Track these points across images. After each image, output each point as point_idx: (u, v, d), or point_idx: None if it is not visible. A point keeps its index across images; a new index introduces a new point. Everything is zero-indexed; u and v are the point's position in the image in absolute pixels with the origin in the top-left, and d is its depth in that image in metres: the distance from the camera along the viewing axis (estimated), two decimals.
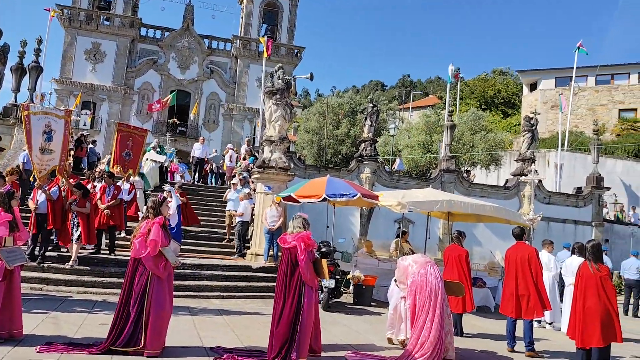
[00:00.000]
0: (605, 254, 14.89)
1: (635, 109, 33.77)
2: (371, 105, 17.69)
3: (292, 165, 14.75)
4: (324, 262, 6.27)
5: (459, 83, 36.17)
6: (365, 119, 17.59)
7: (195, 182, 20.39)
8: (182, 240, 12.62)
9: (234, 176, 17.02)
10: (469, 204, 11.58)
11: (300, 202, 12.53)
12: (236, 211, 13.69)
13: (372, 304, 11.42)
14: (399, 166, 23.84)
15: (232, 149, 20.96)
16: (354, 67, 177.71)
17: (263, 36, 29.82)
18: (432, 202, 11.27)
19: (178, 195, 12.83)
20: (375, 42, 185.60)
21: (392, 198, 11.44)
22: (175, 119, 33.07)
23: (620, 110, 34.26)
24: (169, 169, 19.23)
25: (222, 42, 35.36)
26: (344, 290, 11.86)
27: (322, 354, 6.53)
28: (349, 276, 11.47)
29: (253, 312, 9.33)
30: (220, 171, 21.74)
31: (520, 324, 7.92)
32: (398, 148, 27.98)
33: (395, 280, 8.05)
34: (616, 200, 23.26)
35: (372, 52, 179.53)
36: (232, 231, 14.32)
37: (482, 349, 7.91)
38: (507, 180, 20.06)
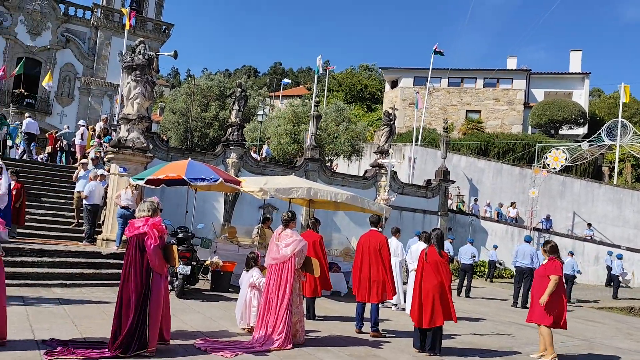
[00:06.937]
0: (451, 242, 16.45)
1: (480, 111, 37.64)
2: (239, 89, 17.46)
3: (151, 146, 14.02)
4: (175, 248, 6.04)
5: (327, 75, 37.23)
6: (234, 103, 17.34)
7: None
8: (26, 224, 11.62)
9: (86, 155, 15.76)
10: (327, 192, 11.99)
11: (159, 186, 12.01)
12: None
13: (230, 290, 11.34)
14: (265, 152, 23.92)
15: (84, 126, 19.35)
16: (228, 51, 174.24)
17: (127, 8, 27.85)
18: (292, 189, 11.47)
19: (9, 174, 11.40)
20: (248, 27, 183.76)
21: (255, 184, 11.44)
22: (23, 90, 29.63)
23: (467, 111, 37.93)
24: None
25: (81, 9, 32.45)
26: (202, 276, 11.61)
27: (172, 342, 6.33)
28: (207, 262, 11.25)
29: (99, 301, 8.72)
30: (71, 149, 19.98)
31: (368, 306, 8.39)
32: (267, 135, 28.04)
33: (246, 269, 8.09)
34: (459, 192, 25.75)
35: (245, 36, 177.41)
36: (81, 215, 13.26)
37: (332, 332, 8.25)
38: (366, 171, 21.18)
